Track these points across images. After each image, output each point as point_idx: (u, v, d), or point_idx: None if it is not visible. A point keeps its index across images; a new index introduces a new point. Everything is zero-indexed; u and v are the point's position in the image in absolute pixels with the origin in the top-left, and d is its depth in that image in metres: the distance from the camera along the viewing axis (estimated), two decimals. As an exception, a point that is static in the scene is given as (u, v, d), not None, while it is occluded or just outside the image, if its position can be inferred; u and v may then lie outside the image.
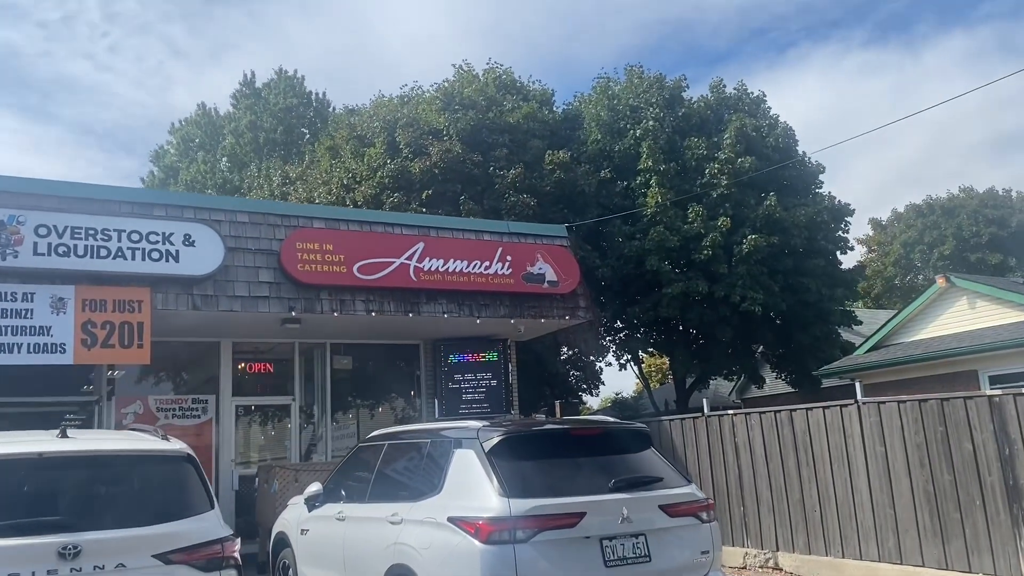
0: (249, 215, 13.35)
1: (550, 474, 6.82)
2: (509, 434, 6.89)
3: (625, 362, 27.60)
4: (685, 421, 13.78)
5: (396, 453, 8.22)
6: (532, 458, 6.86)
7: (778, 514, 12.18)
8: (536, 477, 6.75)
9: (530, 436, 7.05)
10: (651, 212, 23.54)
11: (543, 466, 6.87)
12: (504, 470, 6.67)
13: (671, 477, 7.25)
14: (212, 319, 13.27)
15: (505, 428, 6.99)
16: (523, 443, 6.92)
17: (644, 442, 7.47)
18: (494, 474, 6.63)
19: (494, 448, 6.80)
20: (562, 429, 7.29)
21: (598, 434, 7.33)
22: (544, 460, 6.91)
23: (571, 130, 25.93)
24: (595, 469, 6.98)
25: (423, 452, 7.68)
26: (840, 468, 11.46)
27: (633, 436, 7.51)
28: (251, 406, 15.19)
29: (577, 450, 7.09)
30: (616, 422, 7.82)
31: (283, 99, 32.85)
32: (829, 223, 25.63)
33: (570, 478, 6.81)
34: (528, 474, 6.74)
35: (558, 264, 15.05)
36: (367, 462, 8.59)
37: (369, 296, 13.72)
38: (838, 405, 11.60)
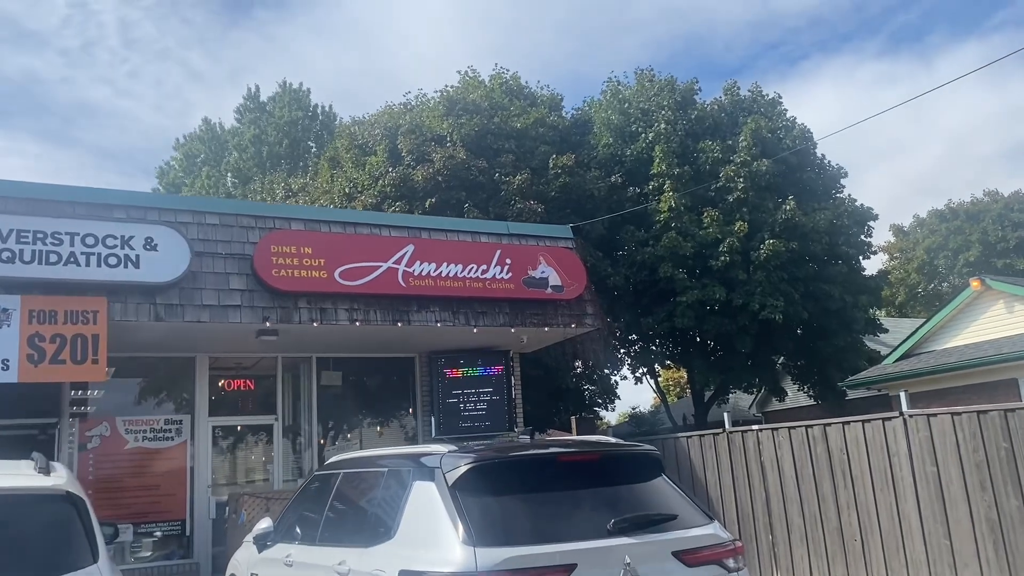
0: (219, 216, 11.78)
1: (531, 513, 5.13)
2: (479, 462, 5.21)
3: (641, 375, 25.80)
4: (704, 438, 12.03)
5: (351, 484, 6.55)
6: (509, 492, 5.18)
7: (812, 544, 10.41)
8: (513, 518, 5.06)
9: (506, 464, 5.35)
10: (664, 217, 21.87)
11: (523, 503, 5.17)
12: (472, 509, 4.99)
13: (688, 513, 5.53)
14: (183, 331, 11.69)
15: (475, 454, 5.30)
16: (497, 473, 5.23)
17: (653, 468, 5.76)
18: (458, 515, 4.96)
19: (460, 480, 5.13)
20: (548, 454, 5.57)
21: (594, 460, 5.61)
22: (524, 495, 5.22)
23: (581, 135, 24.30)
24: (590, 505, 5.29)
25: (379, 484, 6.00)
26: (884, 491, 9.69)
27: (639, 461, 5.81)
28: (230, 426, 13.56)
29: (567, 481, 5.40)
30: (618, 443, 6.10)
31: (288, 112, 31.36)
32: (851, 227, 23.82)
33: (557, 518, 5.13)
34: (503, 514, 5.06)
35: (563, 267, 13.38)
36: (321, 494, 6.92)
37: (353, 304, 12.09)
38: (880, 418, 9.84)
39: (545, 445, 5.77)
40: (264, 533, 7.37)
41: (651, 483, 5.68)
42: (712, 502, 11.72)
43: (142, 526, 12.51)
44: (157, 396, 13.21)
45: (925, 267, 43.71)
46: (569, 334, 13.73)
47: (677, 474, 12.29)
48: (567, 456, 5.55)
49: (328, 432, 14.30)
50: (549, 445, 5.75)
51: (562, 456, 5.53)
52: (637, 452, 5.87)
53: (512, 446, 5.70)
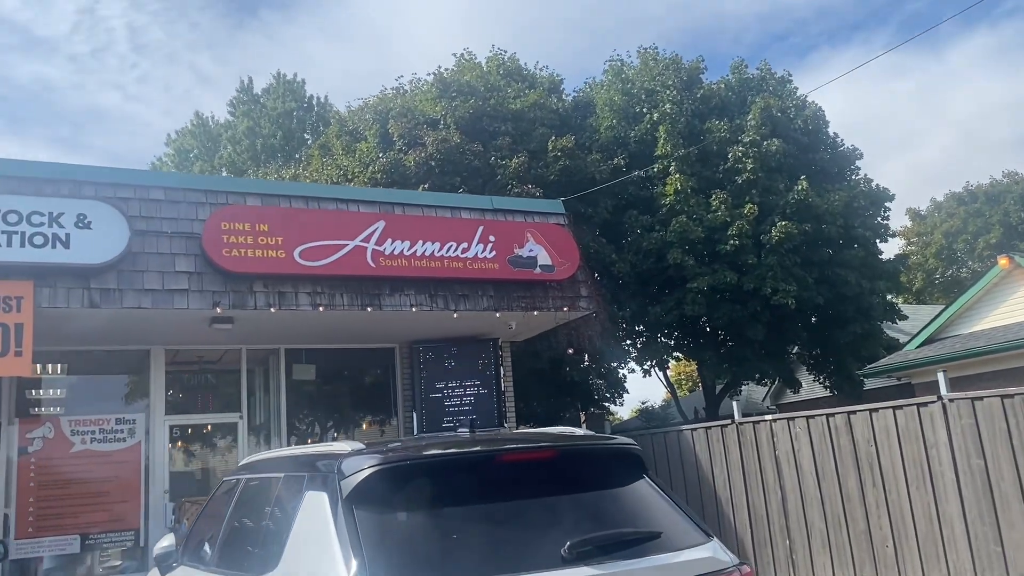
0: (165, 191, 10.29)
1: (458, 536, 3.61)
2: (385, 465, 3.67)
3: (649, 368, 24.18)
4: (711, 430, 10.46)
5: (250, 494, 5.03)
6: (427, 506, 3.65)
7: (836, 550, 8.84)
8: (431, 542, 3.55)
9: (424, 468, 3.80)
10: (671, 201, 20.29)
11: (447, 521, 3.65)
12: (371, 531, 3.49)
13: (678, 529, 3.99)
14: (126, 320, 10.23)
15: (383, 455, 3.77)
16: (411, 480, 3.70)
17: (632, 469, 4.21)
18: (351, 540, 3.45)
19: (358, 491, 3.61)
20: (483, 453, 3.99)
21: (549, 459, 4.04)
22: (450, 509, 3.70)
23: (582, 118, 22.72)
24: (543, 522, 3.76)
25: (274, 495, 4.50)
26: (920, 489, 8.12)
27: (613, 460, 4.26)
28: (189, 425, 12.09)
29: (512, 488, 3.85)
30: (585, 437, 4.53)
31: (282, 103, 29.78)
32: (867, 209, 22.16)
33: (495, 542, 3.61)
34: (416, 538, 3.55)
35: (553, 245, 11.83)
36: (224, 506, 5.42)
37: (316, 287, 10.59)
38: (914, 404, 8.26)
39: (488, 441, 4.24)
40: (166, 553, 5.88)
41: (629, 489, 4.14)
42: (720, 503, 10.16)
43: (91, 537, 11.05)
44: (107, 393, 11.76)
45: (943, 252, 41.56)
46: (561, 319, 12.17)
47: (682, 471, 10.74)
48: (511, 455, 3.97)
49: (300, 430, 12.80)
50: (490, 441, 4.22)
51: (504, 455, 3.95)
52: (610, 448, 4.32)
53: (437, 443, 4.18)
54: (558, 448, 4.13)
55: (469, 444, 4.06)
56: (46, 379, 11.41)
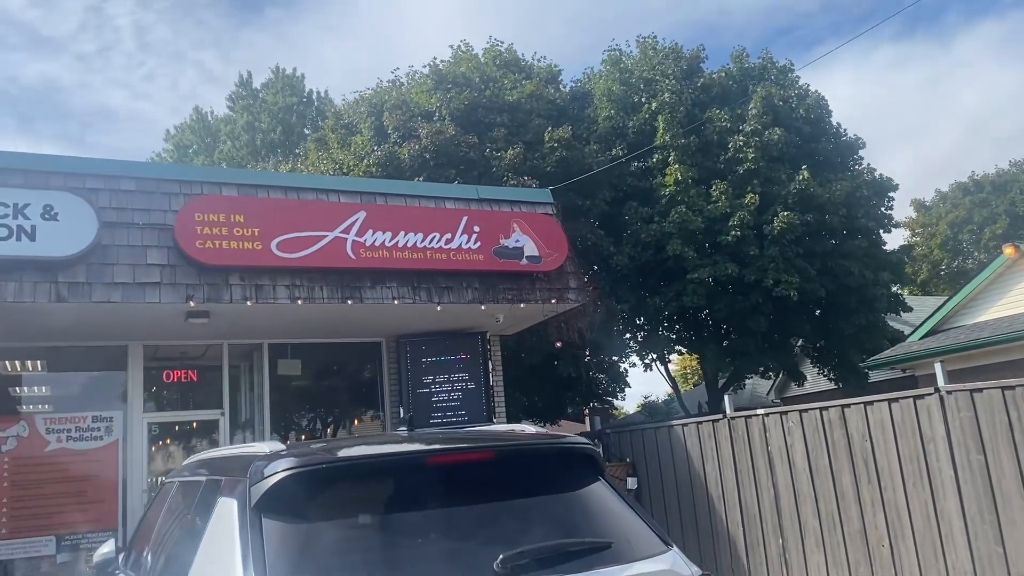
0: (137, 181, 9.91)
1: (380, 547, 3.21)
2: (300, 469, 3.25)
3: (650, 362, 23.71)
4: (703, 426, 10.03)
5: (178, 499, 4.63)
6: (345, 516, 3.26)
7: (831, 550, 8.41)
8: (347, 554, 3.15)
9: (341, 472, 3.38)
10: (670, 191, 19.81)
11: (368, 530, 3.25)
12: (281, 541, 3.09)
13: (634, 537, 3.57)
14: (99, 315, 9.87)
15: (299, 458, 3.35)
16: (326, 487, 3.29)
17: (585, 471, 3.78)
18: (255, 551, 3.05)
19: (266, 499, 3.21)
20: (410, 455, 3.54)
21: (487, 461, 3.62)
22: (372, 517, 3.29)
23: (580, 109, 22.24)
24: (479, 531, 3.36)
25: (195, 500, 4.10)
26: (917, 486, 7.69)
27: (564, 461, 3.82)
28: (169, 423, 11.71)
29: (444, 494, 3.45)
30: (534, 436, 4.08)
31: (282, 98, 29.35)
32: (870, 199, 21.62)
33: (422, 552, 3.21)
34: (331, 548, 3.14)
35: (540, 235, 11.41)
36: (157, 512, 5.04)
37: (295, 279, 10.20)
38: (910, 396, 7.82)
39: (424, 440, 3.82)
40: (105, 561, 5.50)
41: (581, 494, 3.72)
42: (712, 501, 9.74)
43: (67, 539, 10.69)
44: (84, 390, 11.38)
45: (949, 243, 40.77)
46: (549, 311, 11.73)
47: (673, 469, 10.31)
48: (441, 457, 3.55)
49: (284, 428, 12.43)
50: (426, 441, 3.80)
51: (433, 457, 3.53)
52: (558, 448, 3.88)
53: (365, 443, 3.77)
54: (497, 449, 3.71)
55: (398, 445, 3.64)
56: (19, 376, 11.06)
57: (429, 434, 4.15)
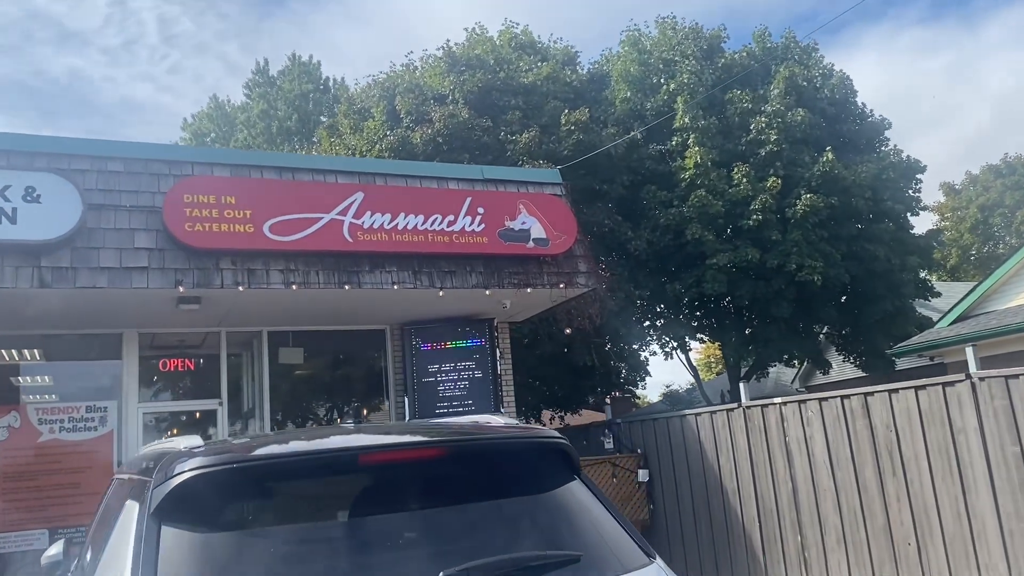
0: (124, 162, 9.43)
1: (298, 561, 2.68)
2: (208, 469, 2.72)
3: (670, 351, 23.06)
4: (716, 415, 9.44)
5: (110, 501, 4.15)
6: (262, 521, 2.75)
7: (853, 548, 7.81)
8: (260, 567, 2.63)
9: (261, 472, 2.84)
10: (690, 175, 19.14)
11: (288, 540, 2.73)
12: (179, 552, 2.58)
13: (611, 547, 3.01)
14: (88, 302, 9.44)
15: (210, 456, 2.82)
16: (244, 488, 2.77)
17: (558, 470, 3.21)
18: (146, 563, 2.54)
19: (169, 501, 2.68)
20: (337, 451, 2.99)
21: (437, 459, 3.05)
22: (293, 525, 2.78)
23: (598, 91, 21.58)
24: (419, 541, 2.83)
25: (117, 500, 3.60)
26: (946, 480, 7.06)
27: (530, 459, 3.25)
28: (165, 413, 11.28)
29: (385, 496, 2.92)
30: (497, 430, 3.48)
31: (298, 85, 28.90)
32: (897, 181, 20.81)
33: (350, 567, 2.68)
34: (240, 561, 2.63)
35: (548, 217, 10.83)
36: (98, 512, 4.56)
37: (289, 264, 9.70)
38: (939, 383, 7.19)
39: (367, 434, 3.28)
40: (52, 564, 5.03)
41: (551, 496, 3.17)
42: (727, 495, 9.15)
43: (59, 532, 10.27)
44: (77, 380, 10.97)
45: (979, 227, 39.53)
46: (558, 296, 11.16)
47: (685, 461, 9.73)
48: (376, 455, 2.98)
49: (284, 418, 11.97)
50: (368, 435, 3.26)
51: (367, 455, 2.97)
52: (524, 443, 3.30)
53: (295, 439, 3.23)
54: (447, 445, 3.14)
55: (330, 440, 3.11)
56: (11, 365, 10.66)
57: (378, 427, 3.61)
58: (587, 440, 11.50)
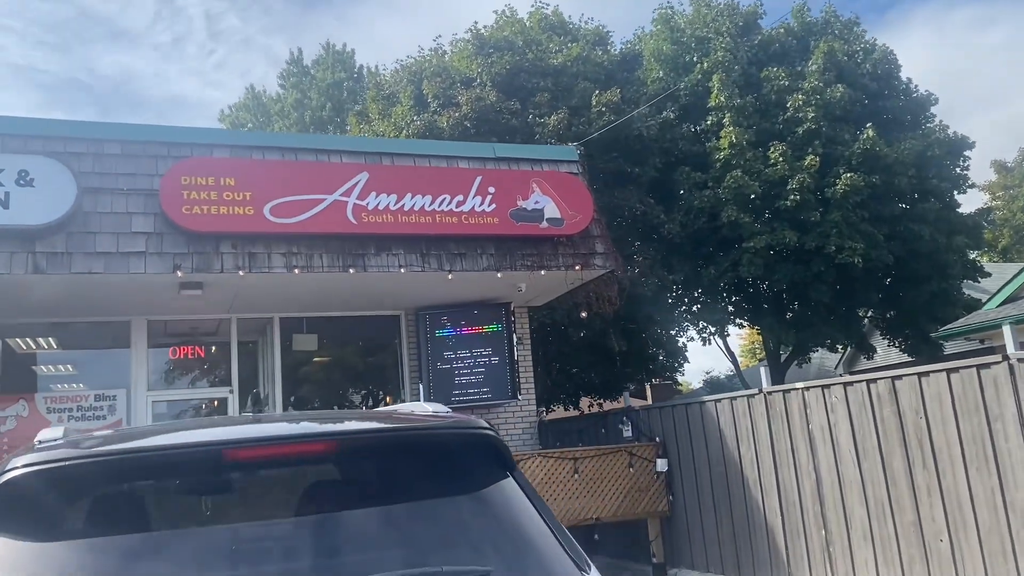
0: (122, 145, 9.11)
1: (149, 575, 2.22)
2: (40, 467, 2.26)
3: (708, 336, 22.34)
4: (736, 402, 8.83)
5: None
6: (108, 528, 2.28)
7: (881, 544, 7.18)
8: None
9: (106, 469, 2.35)
10: (725, 155, 18.38)
11: (131, 553, 2.27)
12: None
13: (537, 559, 2.52)
14: (93, 288, 9.17)
15: (47, 452, 2.36)
16: (83, 491, 2.31)
17: (484, 467, 2.68)
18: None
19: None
20: (198, 447, 2.45)
21: (320, 455, 2.53)
22: (144, 534, 2.31)
23: (630, 71, 20.87)
24: (294, 555, 2.34)
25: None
26: (982, 471, 6.41)
27: (447, 454, 2.74)
28: (175, 402, 10.97)
29: (252, 500, 2.45)
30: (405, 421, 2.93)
31: (331, 74, 28.56)
32: (943, 159, 19.80)
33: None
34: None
35: (563, 196, 10.28)
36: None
37: (291, 247, 9.30)
38: (973, 366, 6.53)
39: (263, 423, 2.81)
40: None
41: (471, 499, 2.66)
42: (747, 485, 8.55)
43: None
44: (86, 368, 10.72)
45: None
46: (574, 279, 10.60)
47: (705, 449, 9.14)
48: (248, 450, 2.46)
49: (297, 406, 11.60)
50: (264, 424, 2.78)
51: (236, 451, 2.46)
52: (441, 436, 2.78)
53: (162, 431, 2.75)
54: (339, 439, 2.61)
55: (202, 432, 2.63)
56: (19, 354, 10.44)
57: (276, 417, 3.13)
58: (605, 428, 10.97)
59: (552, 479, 9.39)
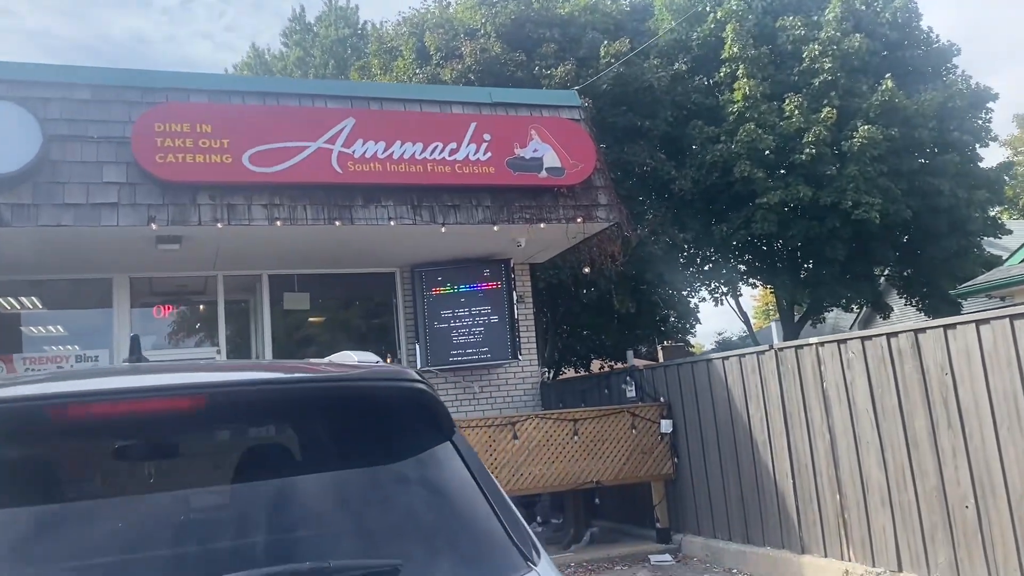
0: (93, 89, 8.51)
1: None
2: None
3: (720, 296, 21.67)
4: (745, 359, 8.20)
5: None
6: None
7: (900, 511, 6.59)
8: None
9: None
10: (739, 108, 17.61)
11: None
12: None
13: (474, 547, 1.94)
14: (63, 242, 8.62)
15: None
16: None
17: (412, 430, 2.11)
18: None
19: None
20: (19, 401, 1.89)
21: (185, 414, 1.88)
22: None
23: (640, 21, 20.04)
24: (168, 537, 1.78)
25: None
26: (1013, 431, 5.79)
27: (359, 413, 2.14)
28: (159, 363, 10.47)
29: (113, 471, 1.89)
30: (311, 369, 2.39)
31: (334, 31, 27.70)
32: (965, 111, 18.92)
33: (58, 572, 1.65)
34: None
35: (563, 144, 9.62)
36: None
37: (273, 198, 8.70)
38: (1005, 316, 5.87)
39: (127, 375, 2.24)
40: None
41: (394, 470, 2.08)
42: (757, 447, 7.96)
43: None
44: (66, 328, 10.22)
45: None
46: (575, 232, 9.95)
47: (712, 410, 8.55)
48: (89, 406, 1.84)
49: (288, 366, 11.08)
50: (121, 377, 2.21)
51: (78, 406, 1.82)
52: (353, 390, 2.15)
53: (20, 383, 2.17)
54: (211, 393, 1.99)
55: (44, 382, 2.05)
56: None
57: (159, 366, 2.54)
58: (608, 389, 10.39)
59: (551, 441, 8.84)
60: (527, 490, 8.86)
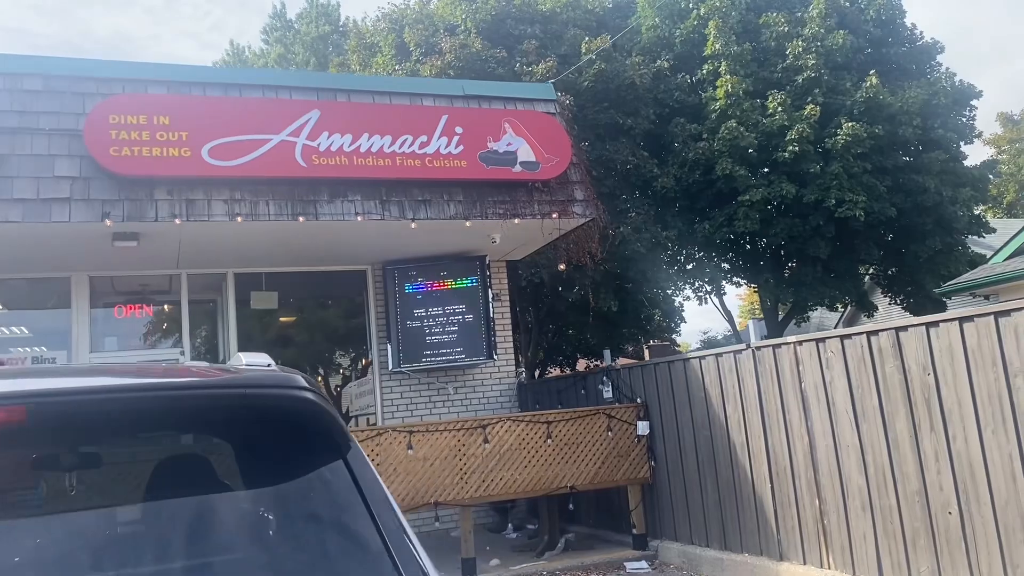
0: (44, 79, 8.14)
1: None
2: None
3: (704, 294, 21.38)
4: (723, 358, 7.88)
5: None
6: None
7: (880, 516, 6.28)
8: None
9: None
10: (721, 105, 17.32)
11: None
12: None
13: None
14: (10, 240, 8.24)
15: None
16: None
17: (303, 444, 1.80)
18: None
19: None
20: None
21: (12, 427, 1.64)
22: None
23: (623, 18, 19.74)
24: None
25: None
26: (998, 434, 5.49)
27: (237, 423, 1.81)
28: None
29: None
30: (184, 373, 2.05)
31: (316, 28, 27.38)
32: (949, 108, 18.68)
33: None
34: None
35: (538, 137, 9.29)
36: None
37: (234, 193, 8.35)
38: (990, 313, 5.57)
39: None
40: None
41: (276, 493, 1.75)
42: (734, 450, 7.65)
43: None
44: (22, 329, 9.83)
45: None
46: (551, 228, 9.61)
47: (689, 411, 8.23)
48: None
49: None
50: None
51: None
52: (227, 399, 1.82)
53: None
54: (38, 404, 1.66)
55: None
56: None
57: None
58: (585, 389, 10.06)
59: (524, 444, 8.50)
60: (498, 496, 8.53)
